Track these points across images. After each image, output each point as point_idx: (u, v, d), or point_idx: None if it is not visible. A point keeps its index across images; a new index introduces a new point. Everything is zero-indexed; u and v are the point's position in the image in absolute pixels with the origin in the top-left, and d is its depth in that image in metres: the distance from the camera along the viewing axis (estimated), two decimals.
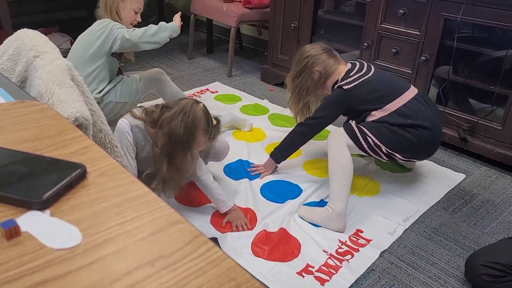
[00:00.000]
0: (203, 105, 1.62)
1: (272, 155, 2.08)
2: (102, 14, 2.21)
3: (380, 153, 1.83)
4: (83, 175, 0.54)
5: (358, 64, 1.94)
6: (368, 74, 1.89)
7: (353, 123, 1.85)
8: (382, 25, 2.43)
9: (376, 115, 1.85)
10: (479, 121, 2.22)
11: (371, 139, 1.80)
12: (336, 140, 1.82)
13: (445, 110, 2.30)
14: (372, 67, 1.95)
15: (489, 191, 2.05)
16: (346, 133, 1.82)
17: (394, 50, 2.41)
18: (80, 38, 2.20)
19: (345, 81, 1.88)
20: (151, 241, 0.46)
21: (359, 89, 1.86)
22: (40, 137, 0.62)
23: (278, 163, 2.10)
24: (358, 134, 1.81)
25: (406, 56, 2.39)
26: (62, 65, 0.89)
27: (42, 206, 0.48)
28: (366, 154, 1.87)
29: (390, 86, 1.89)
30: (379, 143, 1.80)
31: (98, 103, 2.12)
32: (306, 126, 2.01)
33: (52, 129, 0.64)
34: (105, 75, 2.14)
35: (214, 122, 1.64)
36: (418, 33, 2.30)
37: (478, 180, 2.14)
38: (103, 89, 2.14)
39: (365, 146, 1.81)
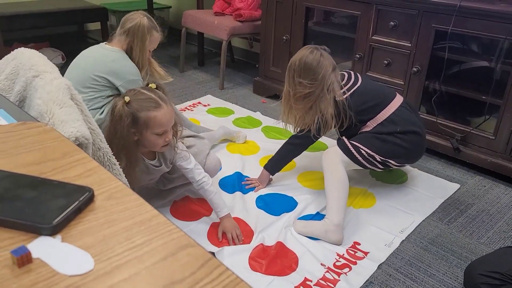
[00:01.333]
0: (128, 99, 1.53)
1: (266, 166, 2.09)
2: (116, 42, 2.10)
3: (375, 162, 1.87)
4: (90, 199, 0.53)
5: (346, 74, 1.96)
6: (357, 84, 1.91)
7: (345, 139, 1.88)
8: (373, 37, 2.46)
9: (370, 125, 1.88)
10: (471, 131, 2.24)
11: (364, 150, 1.84)
12: (330, 158, 1.85)
13: (438, 121, 2.32)
14: (359, 76, 1.97)
15: (484, 201, 2.07)
16: (340, 149, 1.85)
17: (386, 62, 2.44)
18: (90, 60, 2.06)
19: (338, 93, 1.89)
20: (162, 266, 0.45)
21: (352, 100, 1.88)
22: (44, 159, 0.61)
23: (273, 175, 2.10)
24: (351, 148, 1.84)
25: (398, 68, 2.41)
26: (62, 84, 0.89)
27: (53, 231, 0.48)
28: (362, 168, 1.90)
29: (379, 95, 1.93)
30: (372, 153, 1.85)
31: (100, 125, 2.08)
32: (300, 138, 2.01)
33: (56, 151, 0.63)
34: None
35: (153, 86, 1.59)
36: (409, 45, 2.33)
37: (473, 190, 2.15)
38: (104, 110, 2.10)
39: (360, 158, 1.84)
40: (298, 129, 2.00)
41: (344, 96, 1.87)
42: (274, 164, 2.08)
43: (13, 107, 0.81)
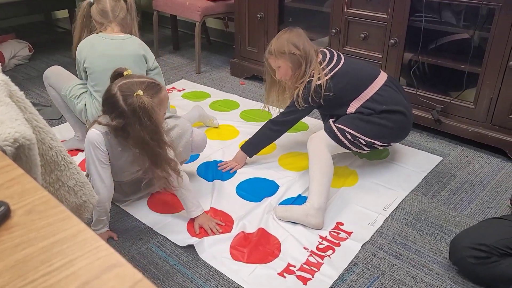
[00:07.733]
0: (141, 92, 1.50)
1: (244, 148, 2.05)
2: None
3: (361, 145, 1.84)
4: (5, 215, 0.46)
5: (328, 53, 1.89)
6: (339, 65, 1.84)
7: (331, 122, 1.84)
8: (349, 10, 2.38)
9: (353, 106, 1.84)
10: (452, 101, 2.19)
11: (349, 133, 1.81)
12: (316, 143, 1.81)
13: (417, 93, 2.27)
14: (342, 56, 1.90)
15: (467, 171, 2.03)
16: (326, 133, 1.82)
17: (362, 35, 2.36)
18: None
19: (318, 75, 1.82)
20: None
21: (332, 81, 1.81)
22: None
23: (251, 157, 2.06)
24: (337, 132, 1.81)
25: (375, 41, 2.34)
26: None
27: None
28: (348, 151, 1.87)
29: (362, 75, 1.87)
30: (357, 135, 1.81)
31: None
32: (279, 124, 1.97)
33: None
34: None
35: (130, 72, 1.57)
36: (386, 16, 2.25)
37: (455, 161, 2.12)
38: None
39: (346, 142, 1.82)
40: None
41: (325, 79, 1.81)
42: (253, 148, 2.04)
43: None
